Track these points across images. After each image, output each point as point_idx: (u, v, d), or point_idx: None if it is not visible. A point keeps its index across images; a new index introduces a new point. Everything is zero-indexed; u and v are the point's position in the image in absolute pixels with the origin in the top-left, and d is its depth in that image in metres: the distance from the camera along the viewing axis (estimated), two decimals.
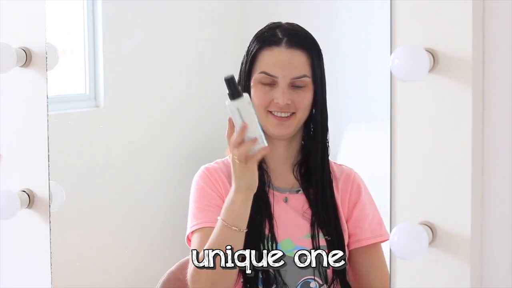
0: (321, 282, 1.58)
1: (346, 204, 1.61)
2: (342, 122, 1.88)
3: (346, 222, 1.60)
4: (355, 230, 1.60)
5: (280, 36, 1.58)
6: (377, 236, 1.59)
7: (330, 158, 1.65)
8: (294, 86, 1.57)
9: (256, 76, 1.58)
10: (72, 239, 1.96)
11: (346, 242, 1.61)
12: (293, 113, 1.58)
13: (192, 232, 1.60)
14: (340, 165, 1.64)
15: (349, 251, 1.61)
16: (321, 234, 1.58)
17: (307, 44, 1.58)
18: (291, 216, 1.59)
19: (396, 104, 1.31)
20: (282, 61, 1.57)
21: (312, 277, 1.58)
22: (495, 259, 1.29)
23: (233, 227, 1.51)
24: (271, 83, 1.56)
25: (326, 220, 1.59)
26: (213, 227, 1.55)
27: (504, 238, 1.28)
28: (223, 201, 1.56)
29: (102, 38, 2.09)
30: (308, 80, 1.58)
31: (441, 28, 1.27)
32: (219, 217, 1.53)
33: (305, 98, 1.58)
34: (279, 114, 1.57)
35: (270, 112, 1.57)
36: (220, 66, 2.20)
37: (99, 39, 2.09)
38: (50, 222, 1.65)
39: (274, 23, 1.62)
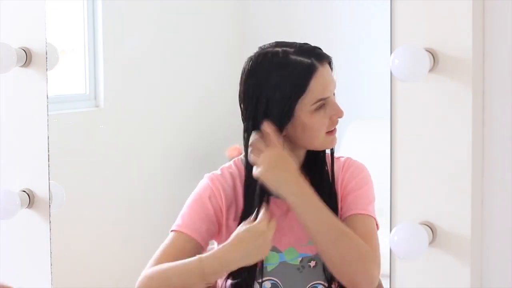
0: (327, 285, 1.58)
1: (341, 193, 1.60)
2: (342, 122, 1.88)
3: (342, 201, 1.58)
4: (342, 203, 1.58)
5: (308, 59, 1.52)
6: (361, 208, 1.57)
7: None
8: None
9: (312, 107, 1.52)
10: (72, 239, 1.96)
11: None
12: None
13: (171, 231, 1.58)
14: (338, 158, 1.63)
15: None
16: None
17: (325, 54, 1.56)
18: (293, 224, 1.58)
19: (396, 104, 1.31)
20: (329, 80, 1.54)
21: (319, 282, 1.58)
22: (495, 259, 1.29)
23: (206, 277, 1.49)
24: (321, 105, 1.53)
25: None
26: (191, 236, 1.53)
27: (504, 238, 1.28)
28: (217, 216, 1.55)
29: (102, 38, 2.09)
30: None
31: (441, 28, 1.27)
32: (200, 256, 1.51)
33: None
34: (334, 127, 1.55)
35: (328, 132, 1.55)
36: (220, 66, 2.20)
37: (99, 39, 2.09)
38: (50, 222, 1.65)
39: (269, 51, 1.56)
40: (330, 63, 1.54)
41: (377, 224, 1.53)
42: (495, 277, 1.29)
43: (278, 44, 1.56)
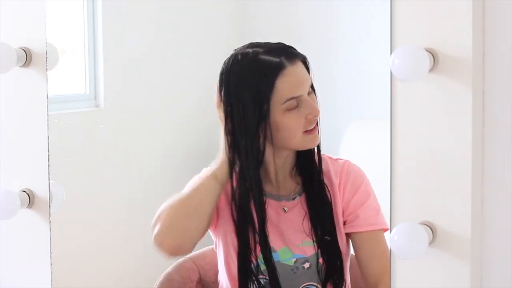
0: (320, 287, 1.58)
1: (342, 199, 1.60)
2: (342, 122, 1.88)
3: (344, 214, 1.59)
4: (350, 216, 1.58)
5: (277, 58, 1.52)
6: (371, 224, 1.58)
7: (330, 155, 1.64)
8: (308, 95, 1.55)
9: (282, 106, 1.51)
10: (72, 239, 1.96)
11: (342, 243, 1.60)
12: None
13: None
14: (336, 160, 1.63)
15: (351, 238, 1.60)
16: (317, 240, 1.58)
17: (298, 52, 1.55)
18: (288, 224, 1.58)
19: (396, 104, 1.31)
20: (300, 78, 1.53)
21: (312, 283, 1.58)
22: (495, 259, 1.29)
23: (216, 175, 1.53)
24: (296, 105, 1.52)
25: (322, 225, 1.58)
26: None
27: (504, 238, 1.28)
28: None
29: (102, 38, 2.09)
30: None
31: (441, 28, 1.27)
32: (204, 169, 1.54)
33: (316, 100, 1.57)
34: (312, 126, 1.54)
35: (305, 131, 1.54)
36: (219, 66, 2.20)
37: (99, 39, 2.09)
38: (50, 222, 1.65)
39: (240, 52, 1.55)
40: (304, 62, 1.54)
41: (385, 229, 1.54)
42: (495, 277, 1.29)
43: (250, 45, 1.56)
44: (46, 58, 1.62)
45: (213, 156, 1.65)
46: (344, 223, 1.59)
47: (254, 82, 1.51)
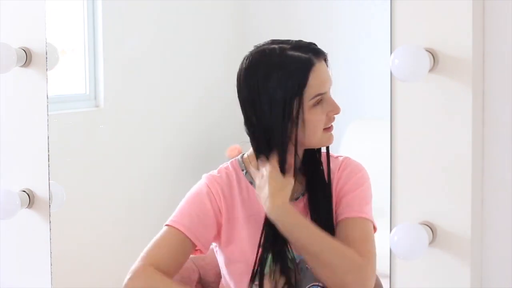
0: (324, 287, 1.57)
1: (337, 193, 1.59)
2: (342, 122, 1.88)
3: (336, 203, 1.57)
4: (337, 205, 1.57)
5: (306, 54, 1.51)
6: (352, 211, 1.56)
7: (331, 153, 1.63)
8: None
9: (310, 102, 1.51)
10: (72, 239, 1.96)
11: None
12: None
13: (166, 225, 1.57)
14: (336, 157, 1.62)
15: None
16: None
17: (322, 50, 1.55)
18: None
19: (396, 104, 1.31)
20: (326, 76, 1.52)
21: (317, 284, 1.57)
22: (495, 259, 1.29)
23: None
24: (319, 101, 1.51)
25: (323, 225, 1.57)
26: (185, 235, 1.51)
27: (504, 238, 1.28)
28: (216, 217, 1.54)
29: (102, 38, 2.09)
30: None
31: (441, 28, 1.27)
32: None
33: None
34: (330, 124, 1.53)
35: (325, 129, 1.53)
36: (219, 66, 2.20)
37: (99, 39, 2.09)
38: (50, 222, 1.65)
39: (267, 47, 1.52)
40: (326, 60, 1.54)
41: (374, 227, 1.52)
42: (495, 277, 1.29)
43: (274, 41, 1.56)
44: (46, 58, 1.62)
45: (213, 156, 1.64)
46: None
47: (285, 77, 1.49)
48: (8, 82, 1.65)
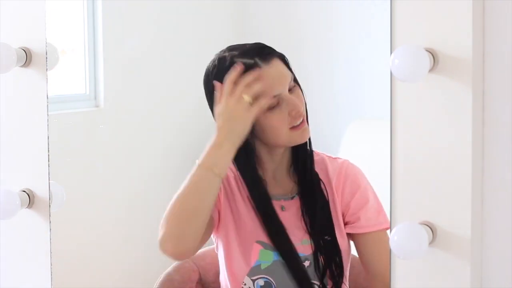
0: (320, 284, 1.58)
1: (340, 200, 1.60)
2: (342, 122, 1.88)
3: (345, 215, 1.59)
4: (352, 218, 1.59)
5: (251, 59, 1.52)
6: (373, 224, 1.58)
7: (329, 154, 1.64)
8: (289, 91, 1.55)
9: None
10: (72, 239, 1.96)
11: (342, 242, 1.60)
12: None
13: None
14: (335, 159, 1.63)
15: (352, 239, 1.60)
16: (316, 238, 1.58)
17: (273, 50, 1.56)
18: (287, 222, 1.58)
19: (396, 104, 1.31)
20: (276, 77, 1.53)
21: (313, 281, 1.58)
22: (495, 259, 1.29)
23: (213, 169, 1.49)
24: (276, 103, 1.53)
25: (320, 224, 1.58)
26: None
27: (504, 238, 1.28)
28: (216, 207, 1.55)
29: (102, 38, 2.09)
30: (293, 81, 1.58)
31: (441, 28, 1.27)
32: (196, 161, 1.52)
33: (300, 94, 1.57)
34: (298, 122, 1.54)
35: (292, 127, 1.54)
36: None
37: (99, 39, 2.09)
38: (50, 222, 1.65)
39: (218, 57, 1.57)
40: (283, 58, 1.54)
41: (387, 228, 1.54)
42: (495, 277, 1.29)
43: (229, 48, 1.57)
44: (46, 58, 1.62)
45: None
46: (346, 223, 1.59)
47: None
48: (8, 82, 1.65)
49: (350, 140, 1.96)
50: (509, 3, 1.25)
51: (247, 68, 1.51)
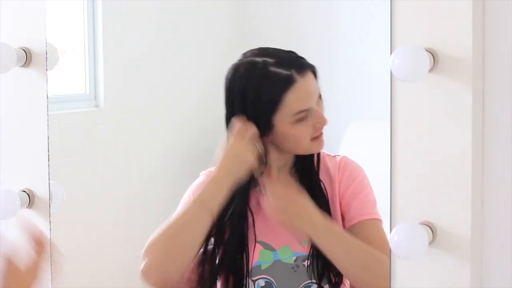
0: (321, 285, 1.58)
1: (338, 192, 1.60)
2: (342, 122, 1.88)
3: (341, 205, 1.58)
4: (346, 208, 1.58)
5: (288, 71, 1.50)
6: (367, 213, 1.57)
7: (327, 152, 1.64)
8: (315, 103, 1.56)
9: (292, 119, 1.51)
10: (72, 239, 1.96)
11: None
12: None
13: None
14: (334, 156, 1.63)
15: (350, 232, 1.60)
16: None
17: (308, 62, 1.55)
18: None
19: (396, 104, 1.31)
20: (309, 92, 1.53)
21: (313, 281, 1.58)
22: (495, 259, 1.29)
23: (207, 203, 1.48)
24: (306, 115, 1.52)
25: None
26: None
27: (504, 238, 1.28)
28: None
29: (102, 38, 2.09)
30: None
31: (441, 28, 1.27)
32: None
33: (323, 106, 1.57)
34: (318, 133, 1.54)
35: (313, 138, 1.54)
36: (219, 66, 2.20)
37: (99, 39, 2.09)
38: (50, 222, 1.65)
39: (251, 60, 1.53)
40: (314, 71, 1.54)
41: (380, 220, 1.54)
42: (495, 277, 1.29)
43: (261, 52, 1.55)
44: (46, 58, 1.62)
45: (213, 156, 1.65)
46: (343, 217, 1.59)
47: (259, 94, 1.50)
48: (8, 82, 1.65)
49: (350, 140, 1.96)
50: (509, 3, 1.25)
51: (283, 80, 1.50)
